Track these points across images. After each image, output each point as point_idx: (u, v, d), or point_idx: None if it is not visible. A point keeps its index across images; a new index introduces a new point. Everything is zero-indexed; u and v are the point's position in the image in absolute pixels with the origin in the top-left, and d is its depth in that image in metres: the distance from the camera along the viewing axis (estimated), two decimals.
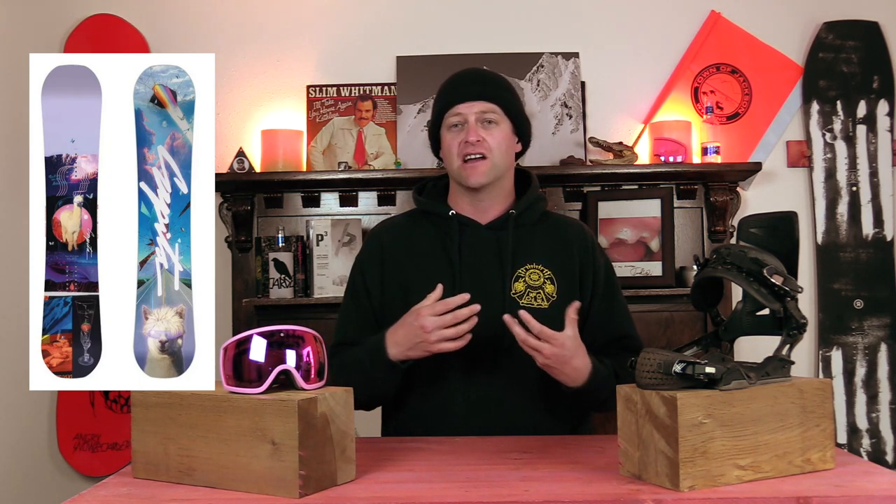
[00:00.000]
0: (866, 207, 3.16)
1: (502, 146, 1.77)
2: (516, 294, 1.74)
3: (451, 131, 1.79)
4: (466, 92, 1.79)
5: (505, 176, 1.81)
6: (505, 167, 1.80)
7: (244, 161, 2.97)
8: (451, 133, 1.79)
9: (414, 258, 1.80)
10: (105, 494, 1.25)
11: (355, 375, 1.58)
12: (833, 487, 1.19)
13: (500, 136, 1.77)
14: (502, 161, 1.78)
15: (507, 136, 1.79)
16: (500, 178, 1.80)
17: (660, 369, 1.21)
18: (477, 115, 1.76)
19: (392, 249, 1.82)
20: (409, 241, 1.84)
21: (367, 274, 1.83)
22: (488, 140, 1.75)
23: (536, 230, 1.82)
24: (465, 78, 1.84)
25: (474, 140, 1.74)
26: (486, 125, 1.76)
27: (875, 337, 3.13)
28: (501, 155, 1.77)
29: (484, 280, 1.75)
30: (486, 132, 1.76)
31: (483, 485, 1.26)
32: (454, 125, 1.78)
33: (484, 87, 1.79)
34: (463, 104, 1.77)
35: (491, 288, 1.74)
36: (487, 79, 1.83)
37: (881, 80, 3.19)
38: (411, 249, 1.82)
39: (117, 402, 3.07)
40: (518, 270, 1.76)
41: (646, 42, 3.22)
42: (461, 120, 1.77)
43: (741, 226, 1.43)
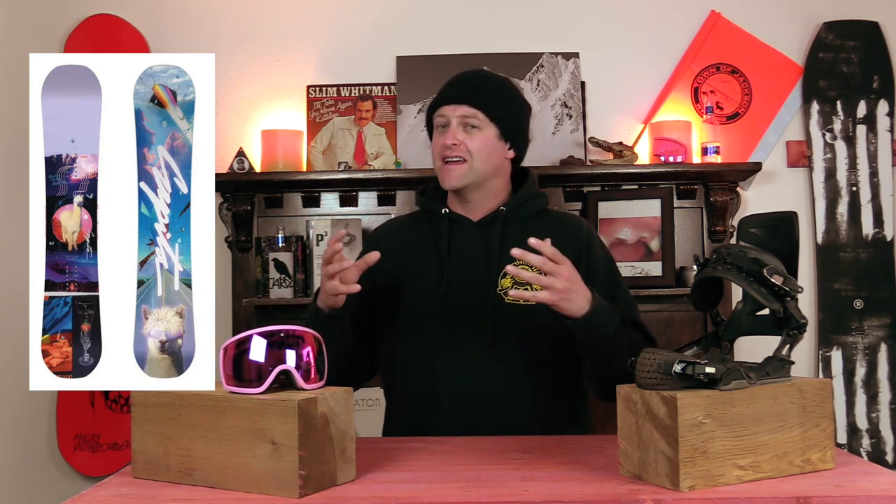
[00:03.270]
0: (866, 207, 3.16)
1: (482, 151, 1.77)
2: (503, 290, 1.74)
3: (436, 131, 1.82)
4: (452, 95, 1.80)
5: (492, 179, 1.81)
6: (488, 172, 1.79)
7: (244, 161, 2.97)
8: (436, 133, 1.82)
9: (406, 257, 1.83)
10: (105, 494, 1.25)
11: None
12: (833, 487, 1.19)
13: (482, 140, 1.77)
14: (483, 166, 1.77)
15: (489, 141, 1.78)
16: (482, 181, 1.80)
17: (660, 369, 1.21)
18: (459, 119, 1.77)
19: (389, 249, 1.83)
20: (404, 241, 1.86)
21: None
22: (467, 144, 1.76)
23: (530, 227, 1.80)
24: (456, 80, 1.85)
25: (450, 143, 1.75)
26: (468, 129, 1.77)
27: (875, 337, 3.13)
28: (482, 160, 1.77)
29: (471, 276, 1.77)
30: (467, 136, 1.76)
31: (483, 485, 1.26)
32: (439, 126, 1.81)
33: (471, 92, 1.79)
34: (448, 107, 1.79)
35: (478, 284, 1.76)
36: (479, 83, 1.83)
37: (881, 80, 3.19)
38: (405, 247, 1.85)
39: (117, 402, 3.07)
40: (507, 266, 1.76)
41: (646, 42, 3.22)
42: (444, 122, 1.79)
43: (741, 226, 1.43)
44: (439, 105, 1.80)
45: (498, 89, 1.84)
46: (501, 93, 1.84)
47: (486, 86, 1.83)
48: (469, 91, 1.80)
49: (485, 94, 1.80)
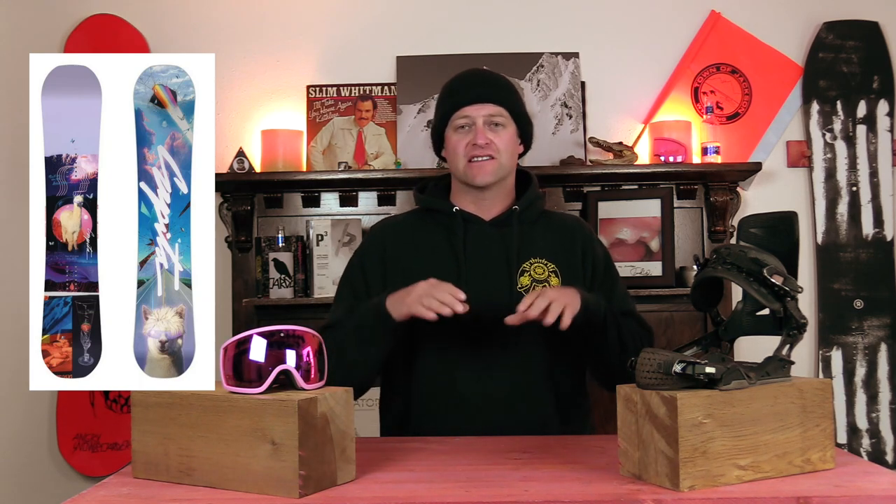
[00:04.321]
0: (866, 207, 3.16)
1: (509, 148, 1.81)
2: (522, 288, 1.76)
3: (457, 132, 1.81)
4: (476, 94, 1.81)
5: (508, 176, 1.85)
6: (510, 168, 1.84)
7: (244, 161, 2.97)
8: (458, 134, 1.81)
9: (418, 255, 1.82)
10: (105, 494, 1.25)
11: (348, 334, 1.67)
12: (833, 487, 1.19)
13: (507, 137, 1.81)
14: (508, 162, 1.82)
15: (512, 138, 1.83)
16: (504, 178, 1.83)
17: (660, 369, 1.21)
18: (485, 118, 1.79)
19: (395, 248, 1.83)
20: (412, 240, 1.85)
21: (367, 269, 1.83)
22: (496, 142, 1.78)
23: (537, 227, 1.85)
24: (472, 79, 1.85)
25: (483, 143, 1.77)
26: (493, 128, 1.79)
27: (875, 337, 3.13)
28: (508, 156, 1.81)
29: (490, 275, 1.77)
30: (494, 134, 1.79)
31: (483, 485, 1.26)
32: (461, 126, 1.80)
33: (492, 90, 1.82)
34: (471, 106, 1.79)
35: (497, 282, 1.77)
36: (495, 81, 1.86)
37: (881, 80, 3.19)
38: (415, 247, 1.83)
39: (117, 402, 3.07)
40: (523, 265, 1.79)
41: (646, 42, 3.22)
42: (469, 122, 1.79)
43: (741, 226, 1.43)
44: (462, 105, 1.80)
45: (510, 87, 1.88)
46: (514, 90, 1.89)
47: (503, 84, 1.87)
48: (492, 90, 1.82)
49: (505, 91, 1.84)
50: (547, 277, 1.78)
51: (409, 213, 1.96)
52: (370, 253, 1.85)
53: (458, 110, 1.80)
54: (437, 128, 1.87)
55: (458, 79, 1.86)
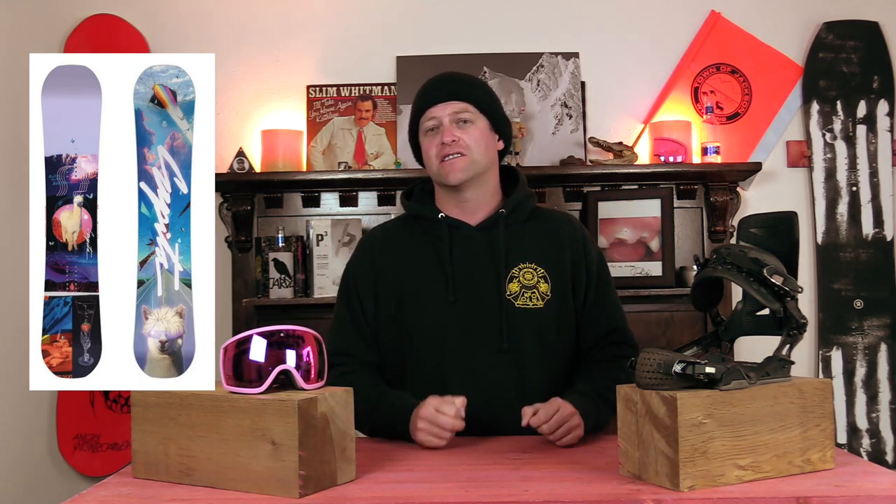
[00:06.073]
0: (866, 207, 3.16)
1: (480, 143, 1.77)
2: (511, 295, 1.74)
3: (427, 136, 1.80)
4: (438, 94, 1.79)
5: (488, 173, 1.81)
6: (485, 164, 1.79)
7: (244, 161, 2.97)
8: (428, 137, 1.79)
9: (406, 267, 1.80)
10: (105, 494, 1.25)
11: (367, 414, 1.63)
12: (833, 487, 1.19)
13: (477, 133, 1.77)
14: (481, 158, 1.77)
15: (484, 133, 1.79)
16: (481, 175, 1.79)
17: (660, 369, 1.21)
18: (451, 116, 1.77)
19: (383, 262, 1.81)
20: (400, 251, 1.83)
21: (360, 287, 1.81)
22: (464, 138, 1.75)
23: (526, 228, 1.82)
24: (437, 82, 1.84)
25: (449, 140, 1.75)
26: (461, 125, 1.77)
27: (875, 337, 3.13)
28: (480, 152, 1.77)
29: (478, 282, 1.75)
30: (462, 131, 1.76)
31: (483, 485, 1.26)
32: (430, 129, 1.79)
33: (455, 87, 1.80)
34: (437, 107, 1.78)
35: (485, 290, 1.74)
36: (458, 80, 1.84)
37: (881, 80, 3.19)
38: (403, 258, 1.81)
39: (117, 402, 3.07)
40: (511, 270, 1.76)
41: (646, 42, 3.22)
42: (436, 123, 1.78)
43: (741, 226, 1.43)
44: (427, 108, 1.79)
45: (477, 83, 1.87)
46: (481, 85, 1.87)
47: (467, 81, 1.85)
48: (454, 87, 1.80)
49: (469, 87, 1.82)
50: (536, 283, 1.76)
51: (396, 221, 1.93)
52: (361, 272, 1.83)
53: (424, 112, 1.80)
54: (412, 135, 1.86)
55: (424, 84, 1.86)
